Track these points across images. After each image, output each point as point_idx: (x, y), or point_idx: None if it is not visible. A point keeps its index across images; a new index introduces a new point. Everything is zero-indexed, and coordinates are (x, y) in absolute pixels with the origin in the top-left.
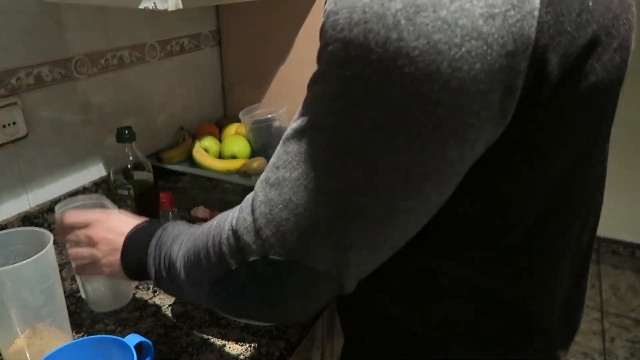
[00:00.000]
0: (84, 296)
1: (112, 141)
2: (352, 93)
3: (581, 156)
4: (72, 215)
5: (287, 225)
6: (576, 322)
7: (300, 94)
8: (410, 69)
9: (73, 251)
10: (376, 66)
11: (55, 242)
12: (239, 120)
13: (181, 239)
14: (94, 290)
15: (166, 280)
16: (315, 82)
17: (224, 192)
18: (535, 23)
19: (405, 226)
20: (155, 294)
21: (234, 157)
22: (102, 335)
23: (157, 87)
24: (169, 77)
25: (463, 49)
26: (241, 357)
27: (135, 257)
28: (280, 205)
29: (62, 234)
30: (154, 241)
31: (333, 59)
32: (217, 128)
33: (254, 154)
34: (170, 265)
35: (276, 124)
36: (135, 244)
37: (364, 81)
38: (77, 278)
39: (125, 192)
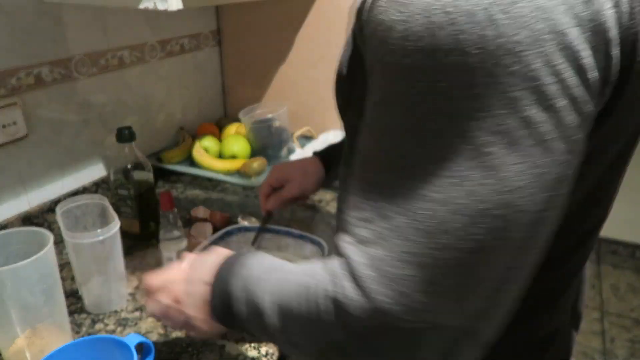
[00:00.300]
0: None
1: (112, 141)
2: (455, 109)
3: (622, 152)
4: (151, 278)
5: (408, 282)
6: (580, 313)
7: (300, 94)
8: (519, 67)
9: (171, 323)
10: (476, 71)
11: (55, 243)
12: (239, 120)
13: (267, 284)
14: (89, 292)
15: (258, 330)
16: (385, 104)
17: (224, 192)
18: (628, 8)
19: (545, 240)
20: None
21: (234, 157)
22: (102, 335)
23: (157, 87)
24: (169, 77)
25: (567, 38)
26: (241, 357)
27: (224, 307)
28: (396, 262)
29: (151, 301)
30: (239, 284)
31: (414, 73)
32: (217, 128)
33: (254, 154)
34: (257, 314)
35: (276, 124)
36: (220, 293)
37: (466, 91)
38: (77, 281)
39: (125, 192)
